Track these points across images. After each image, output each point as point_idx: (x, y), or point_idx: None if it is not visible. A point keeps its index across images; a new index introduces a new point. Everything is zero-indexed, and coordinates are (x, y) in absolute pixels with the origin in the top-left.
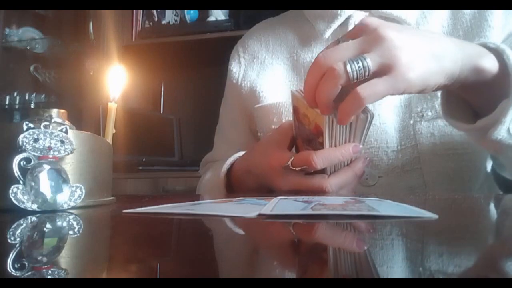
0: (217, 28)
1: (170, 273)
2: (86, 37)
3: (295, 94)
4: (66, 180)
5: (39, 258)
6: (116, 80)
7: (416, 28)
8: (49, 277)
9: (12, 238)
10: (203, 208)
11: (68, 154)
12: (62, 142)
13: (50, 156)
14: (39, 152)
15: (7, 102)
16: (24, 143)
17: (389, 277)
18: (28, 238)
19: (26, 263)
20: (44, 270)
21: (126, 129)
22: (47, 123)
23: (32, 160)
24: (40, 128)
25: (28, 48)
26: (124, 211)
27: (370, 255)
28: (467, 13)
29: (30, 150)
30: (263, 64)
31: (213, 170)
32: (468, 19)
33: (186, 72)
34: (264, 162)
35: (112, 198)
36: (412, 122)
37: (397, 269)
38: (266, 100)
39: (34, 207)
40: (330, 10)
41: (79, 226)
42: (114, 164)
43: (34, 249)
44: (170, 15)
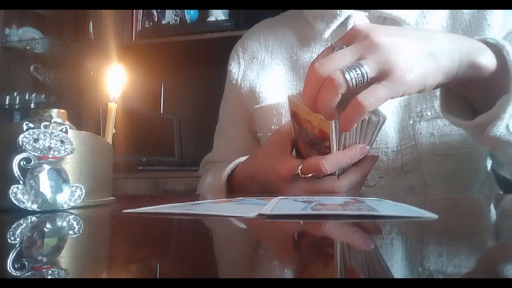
0: (217, 28)
1: (170, 273)
2: (86, 37)
3: (294, 100)
4: (66, 180)
5: (39, 258)
6: (116, 80)
7: (411, 27)
8: (49, 277)
9: (12, 238)
10: (203, 208)
11: (68, 154)
12: (62, 142)
13: (50, 156)
14: (39, 152)
15: (7, 102)
16: (24, 143)
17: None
18: (28, 238)
19: (26, 263)
20: (44, 270)
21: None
22: (47, 123)
23: (32, 160)
24: (40, 128)
25: (28, 48)
26: (124, 211)
27: (370, 255)
28: (466, 13)
29: (30, 150)
30: (263, 65)
31: (214, 174)
32: (467, 19)
33: (186, 72)
34: (270, 170)
35: (112, 198)
36: (412, 122)
37: (397, 269)
38: (266, 101)
39: (34, 207)
40: (330, 10)
41: (79, 226)
42: (114, 164)
43: (34, 249)
44: (170, 15)
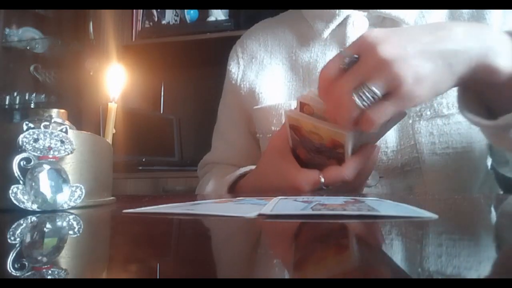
0: (217, 28)
1: (170, 273)
2: (86, 37)
3: (294, 116)
4: (66, 180)
5: (39, 258)
6: (116, 80)
7: (423, 26)
8: (49, 277)
9: (12, 238)
10: (203, 208)
11: (68, 154)
12: (62, 142)
13: (50, 156)
14: (39, 152)
15: (7, 102)
16: (24, 143)
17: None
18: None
19: (26, 263)
20: (44, 270)
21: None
22: (47, 123)
23: (32, 160)
24: (40, 128)
25: (28, 48)
26: (124, 211)
27: (370, 255)
28: (465, 12)
29: (30, 150)
30: (262, 64)
31: (215, 183)
32: (467, 18)
33: (186, 72)
34: (285, 184)
35: (112, 198)
36: (411, 122)
37: (397, 269)
38: (265, 101)
39: (34, 207)
40: (328, 10)
41: (79, 226)
42: (114, 164)
43: (34, 249)
44: (170, 15)
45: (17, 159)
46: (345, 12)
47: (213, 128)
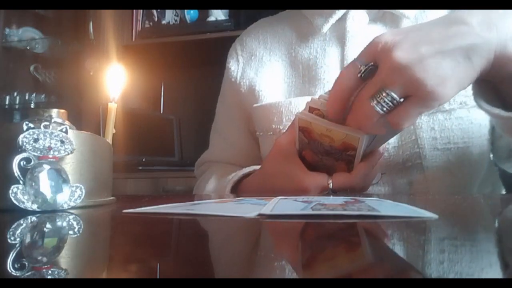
0: (217, 28)
1: (170, 273)
2: (86, 37)
3: (306, 119)
4: (66, 180)
5: (39, 258)
6: (116, 80)
7: (434, 22)
8: (49, 277)
9: (12, 238)
10: (203, 208)
11: (68, 154)
12: (62, 142)
13: (50, 156)
14: (39, 152)
15: (7, 102)
16: (24, 143)
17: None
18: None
19: (26, 263)
20: (44, 270)
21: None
22: (47, 123)
23: (32, 160)
24: (40, 128)
25: (28, 48)
26: (124, 211)
27: (370, 256)
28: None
29: (30, 150)
30: (261, 61)
31: (216, 183)
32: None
33: (186, 72)
34: (292, 187)
35: (112, 198)
36: None
37: (397, 269)
38: (265, 99)
39: (34, 207)
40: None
41: (79, 226)
42: (114, 164)
43: (34, 249)
44: (170, 15)
45: (17, 159)
46: None
47: None
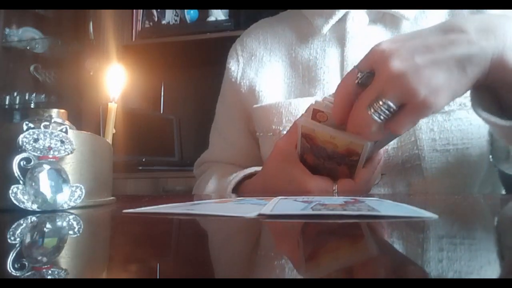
0: (217, 28)
1: (170, 273)
2: (86, 37)
3: (308, 126)
4: (66, 180)
5: (39, 258)
6: (116, 80)
7: (432, 29)
8: (49, 277)
9: (12, 238)
10: (203, 208)
11: (68, 154)
12: (62, 142)
13: (50, 156)
14: (39, 152)
15: (7, 102)
16: (24, 143)
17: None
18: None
19: (26, 263)
20: (44, 270)
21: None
22: (47, 123)
23: (32, 160)
24: (40, 128)
25: (28, 48)
26: (124, 211)
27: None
28: (466, 12)
29: (30, 150)
30: (261, 62)
31: (217, 183)
32: (467, 15)
33: (186, 72)
34: (297, 189)
35: (112, 198)
36: None
37: (397, 269)
38: (265, 99)
39: (34, 207)
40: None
41: (79, 226)
42: (114, 164)
43: (34, 249)
44: (170, 15)
45: (17, 159)
46: None
47: None
